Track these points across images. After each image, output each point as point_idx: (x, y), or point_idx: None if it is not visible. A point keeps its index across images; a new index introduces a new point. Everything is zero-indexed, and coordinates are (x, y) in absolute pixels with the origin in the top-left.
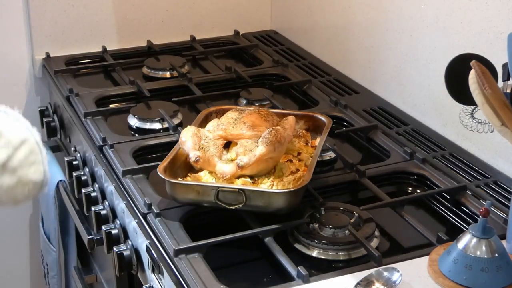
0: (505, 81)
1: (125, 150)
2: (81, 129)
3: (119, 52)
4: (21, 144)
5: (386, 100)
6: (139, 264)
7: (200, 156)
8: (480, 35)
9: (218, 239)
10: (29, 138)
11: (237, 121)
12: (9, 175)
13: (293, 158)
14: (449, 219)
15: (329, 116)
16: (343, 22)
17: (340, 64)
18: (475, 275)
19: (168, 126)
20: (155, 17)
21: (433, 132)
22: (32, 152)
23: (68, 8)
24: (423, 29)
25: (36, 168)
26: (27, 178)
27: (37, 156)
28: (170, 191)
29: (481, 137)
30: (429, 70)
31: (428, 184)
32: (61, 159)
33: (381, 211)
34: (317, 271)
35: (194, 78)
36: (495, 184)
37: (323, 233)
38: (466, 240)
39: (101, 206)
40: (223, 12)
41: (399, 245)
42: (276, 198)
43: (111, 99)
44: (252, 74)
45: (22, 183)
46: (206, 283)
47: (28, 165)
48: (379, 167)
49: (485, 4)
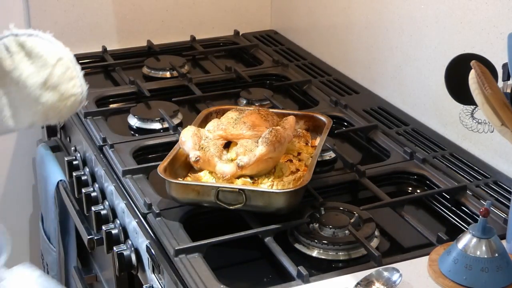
0: (505, 81)
1: (125, 150)
2: (81, 129)
3: (119, 52)
4: (57, 62)
5: (386, 100)
6: (139, 264)
7: (200, 156)
8: (480, 35)
9: (218, 239)
10: (64, 56)
11: (237, 121)
12: (52, 92)
13: (293, 158)
14: (449, 219)
15: (329, 116)
16: (343, 22)
17: (340, 64)
18: (475, 275)
19: (168, 126)
20: (155, 17)
21: (433, 132)
22: (68, 68)
23: (68, 8)
24: (423, 29)
25: (75, 82)
26: (68, 92)
27: (73, 71)
28: (170, 191)
29: (481, 137)
30: (429, 70)
31: (428, 184)
32: (61, 159)
33: (381, 211)
34: (317, 271)
35: (194, 78)
36: (495, 184)
37: (323, 233)
38: (466, 240)
39: (101, 206)
40: (223, 12)
41: (399, 245)
42: (276, 198)
43: (111, 99)
44: (252, 74)
45: (64, 97)
46: (206, 283)
47: (67, 80)
48: (379, 167)
49: (485, 4)
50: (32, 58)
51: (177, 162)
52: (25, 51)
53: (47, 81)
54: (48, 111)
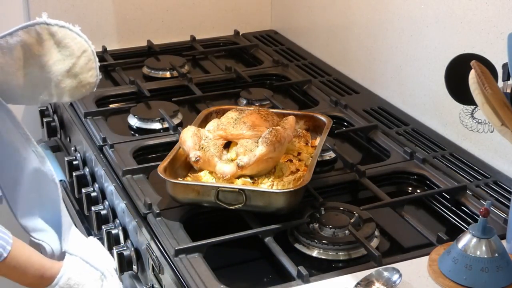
0: (505, 81)
1: (125, 150)
2: (81, 129)
3: (119, 52)
4: (82, 54)
5: (386, 100)
6: (139, 264)
7: (200, 156)
8: (480, 35)
9: (218, 239)
10: (88, 49)
11: (237, 121)
12: (72, 79)
13: (293, 158)
14: (449, 219)
15: (329, 116)
16: (343, 22)
17: (340, 64)
18: (475, 275)
19: (168, 126)
20: (155, 17)
21: (433, 132)
22: (90, 60)
23: (68, 8)
24: (423, 29)
25: (92, 72)
26: (85, 80)
27: (93, 63)
28: (170, 191)
29: (481, 137)
30: (429, 70)
31: (428, 184)
32: (61, 159)
33: (381, 211)
34: (317, 271)
35: (194, 78)
36: (495, 184)
37: (323, 233)
38: (466, 240)
39: (101, 206)
40: (223, 12)
41: (399, 245)
42: (276, 198)
43: (111, 99)
44: (252, 74)
45: (81, 84)
46: (206, 283)
47: (87, 70)
48: (379, 167)
49: (485, 4)
50: (60, 47)
51: (177, 162)
52: (55, 39)
53: (70, 69)
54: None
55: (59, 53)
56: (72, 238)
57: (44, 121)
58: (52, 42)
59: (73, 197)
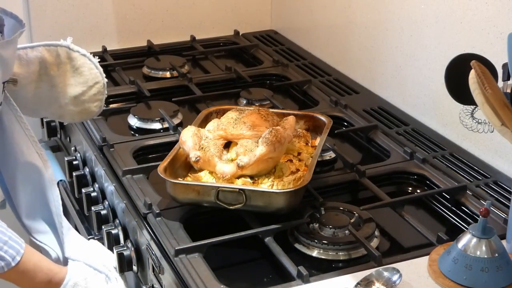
0: (505, 81)
1: (125, 150)
2: (81, 129)
3: (119, 52)
4: (94, 85)
5: (386, 100)
6: (139, 264)
7: (200, 156)
8: (480, 35)
9: (218, 239)
10: (100, 81)
11: (237, 121)
12: (78, 105)
13: (293, 158)
14: (449, 219)
15: (329, 116)
16: (343, 22)
17: (340, 64)
18: (475, 275)
19: (168, 126)
20: (155, 17)
21: (433, 132)
22: (99, 92)
23: (68, 8)
24: (423, 29)
25: (98, 103)
26: (90, 109)
27: (102, 95)
28: (170, 191)
29: (481, 137)
30: (429, 70)
31: (428, 184)
32: (61, 159)
33: (381, 211)
34: (317, 271)
35: (194, 78)
36: (495, 184)
37: (323, 233)
38: (466, 240)
39: (101, 206)
40: (223, 12)
41: (399, 245)
42: (276, 198)
43: (111, 99)
44: (252, 74)
45: (84, 112)
46: (206, 283)
47: (94, 101)
48: (379, 167)
49: (485, 4)
50: (76, 73)
51: (177, 162)
52: (72, 65)
53: (79, 96)
54: (65, 115)
55: (72, 78)
56: (72, 242)
57: (44, 121)
58: (69, 66)
59: (73, 197)
